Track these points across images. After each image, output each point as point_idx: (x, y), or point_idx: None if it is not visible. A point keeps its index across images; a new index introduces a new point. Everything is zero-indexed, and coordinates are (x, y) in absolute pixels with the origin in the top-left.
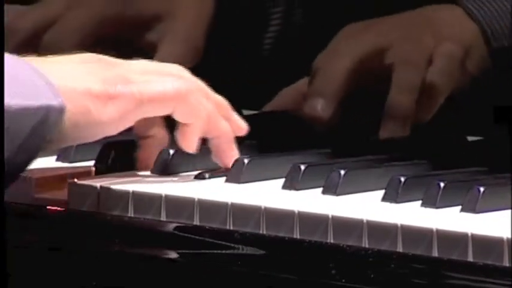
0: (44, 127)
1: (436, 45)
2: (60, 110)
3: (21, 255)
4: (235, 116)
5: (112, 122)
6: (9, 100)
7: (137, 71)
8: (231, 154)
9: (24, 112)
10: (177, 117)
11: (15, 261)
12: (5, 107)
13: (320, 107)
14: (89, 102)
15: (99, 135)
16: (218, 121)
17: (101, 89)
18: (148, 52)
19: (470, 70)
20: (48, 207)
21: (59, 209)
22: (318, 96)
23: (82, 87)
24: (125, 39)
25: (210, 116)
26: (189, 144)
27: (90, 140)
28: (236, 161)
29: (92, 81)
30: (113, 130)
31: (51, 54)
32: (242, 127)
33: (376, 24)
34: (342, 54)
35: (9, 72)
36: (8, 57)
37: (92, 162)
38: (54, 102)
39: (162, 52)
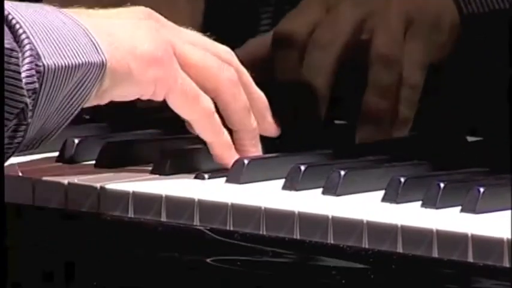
0: (84, 86)
1: (409, 15)
2: (101, 66)
3: (21, 254)
4: (270, 117)
5: (150, 85)
6: (48, 59)
7: (186, 39)
8: (252, 151)
9: (63, 71)
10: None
11: (15, 261)
12: (43, 67)
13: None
14: (131, 61)
15: (136, 95)
16: (247, 115)
17: (146, 50)
18: None
19: (442, 38)
20: (48, 207)
21: (59, 209)
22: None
23: (128, 45)
24: None
25: (241, 108)
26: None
27: (126, 99)
28: (236, 161)
29: (139, 39)
30: (150, 94)
31: None
32: (273, 130)
33: None
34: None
35: (51, 27)
36: (53, 10)
37: (92, 162)
38: (95, 59)
39: None
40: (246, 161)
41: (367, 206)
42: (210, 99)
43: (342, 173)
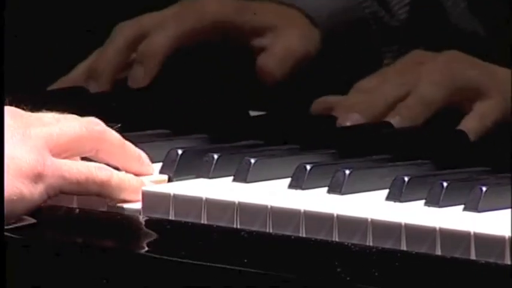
0: None
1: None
2: None
3: (22, 254)
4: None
5: (42, 196)
6: None
7: (53, 122)
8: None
9: None
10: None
11: (14, 261)
12: None
13: None
14: (21, 185)
15: (32, 210)
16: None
17: (30, 167)
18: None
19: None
20: (63, 206)
21: (72, 208)
22: None
23: (13, 169)
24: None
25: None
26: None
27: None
28: (243, 161)
29: (19, 156)
30: (42, 203)
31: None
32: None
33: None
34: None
35: None
36: None
37: None
38: None
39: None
40: (252, 160)
41: (371, 205)
42: (104, 167)
43: (347, 172)
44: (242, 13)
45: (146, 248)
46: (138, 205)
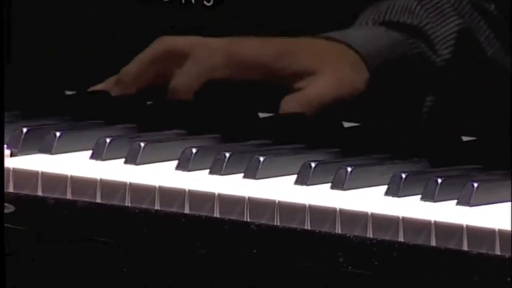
0: None
1: None
2: None
3: (54, 248)
4: None
5: None
6: None
7: None
8: None
9: None
10: None
11: (48, 255)
12: None
13: None
14: None
15: None
16: None
17: None
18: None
19: None
20: (80, 201)
21: (90, 202)
22: None
23: None
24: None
25: None
26: None
27: None
28: (253, 159)
29: None
30: None
31: None
32: None
33: None
34: None
35: None
36: None
37: (122, 160)
38: None
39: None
40: (261, 158)
41: (371, 200)
42: None
43: (349, 169)
44: (282, 56)
45: (162, 240)
46: (154, 200)
